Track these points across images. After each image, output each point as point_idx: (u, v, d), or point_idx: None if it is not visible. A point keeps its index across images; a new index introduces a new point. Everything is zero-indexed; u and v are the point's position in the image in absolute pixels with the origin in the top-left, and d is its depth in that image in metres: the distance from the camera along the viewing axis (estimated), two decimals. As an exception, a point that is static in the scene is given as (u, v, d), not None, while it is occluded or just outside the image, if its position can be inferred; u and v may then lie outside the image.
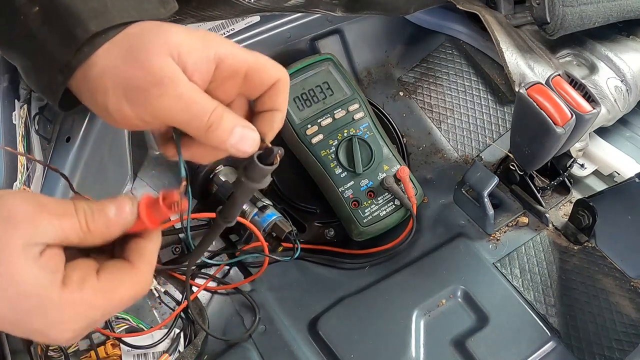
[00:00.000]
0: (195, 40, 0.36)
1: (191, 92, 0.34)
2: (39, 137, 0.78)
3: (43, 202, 0.32)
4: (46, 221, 0.32)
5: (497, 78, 0.83)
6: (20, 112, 0.79)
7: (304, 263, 0.72)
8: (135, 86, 0.34)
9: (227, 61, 0.37)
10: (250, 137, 0.36)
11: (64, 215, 0.33)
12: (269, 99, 0.39)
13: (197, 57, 0.35)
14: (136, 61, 0.34)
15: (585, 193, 0.72)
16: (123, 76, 0.34)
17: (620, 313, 0.62)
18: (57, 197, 0.72)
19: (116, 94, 0.34)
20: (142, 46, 0.34)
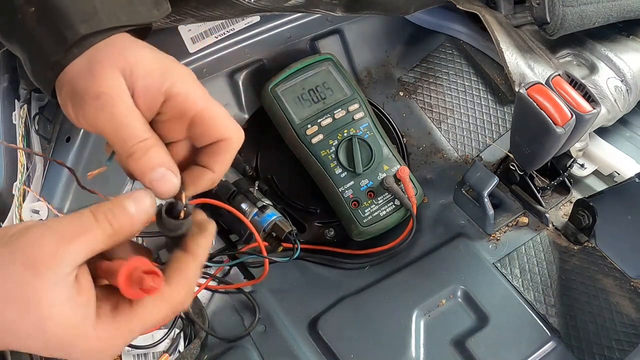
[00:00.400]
0: (156, 66, 0.36)
1: (126, 114, 0.35)
2: (39, 137, 0.78)
3: (61, 231, 0.32)
4: (69, 252, 0.31)
5: (497, 78, 0.83)
6: (20, 112, 0.79)
7: (304, 263, 0.72)
8: (79, 93, 0.35)
9: (177, 99, 0.36)
10: (170, 181, 0.36)
11: (86, 232, 0.32)
12: (207, 155, 0.38)
13: (149, 83, 0.36)
14: (89, 70, 0.35)
15: (585, 193, 0.72)
16: (76, 81, 0.35)
17: (620, 313, 0.62)
18: (58, 194, 0.72)
19: (67, 95, 0.36)
20: (101, 57, 0.36)
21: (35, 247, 0.31)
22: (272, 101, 0.75)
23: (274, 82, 0.75)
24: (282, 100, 0.75)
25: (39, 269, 0.30)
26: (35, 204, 0.71)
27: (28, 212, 0.71)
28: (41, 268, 0.30)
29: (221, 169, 0.38)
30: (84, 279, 0.32)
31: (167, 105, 0.36)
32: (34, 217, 0.71)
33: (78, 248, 0.32)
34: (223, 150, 0.37)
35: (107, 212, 0.33)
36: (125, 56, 0.35)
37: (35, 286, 0.30)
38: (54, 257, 0.31)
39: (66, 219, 0.32)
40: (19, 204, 0.71)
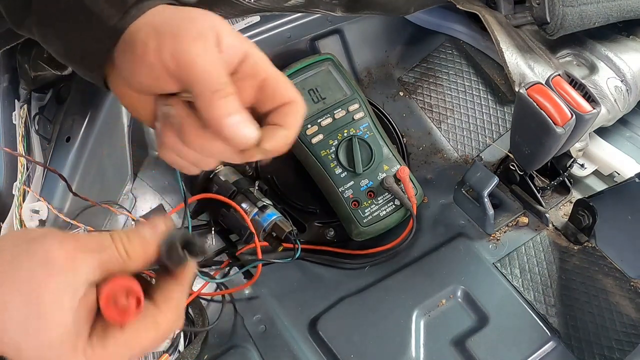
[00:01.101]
0: (233, 30, 0.37)
1: (217, 57, 0.35)
2: (39, 137, 0.78)
3: (81, 242, 0.32)
4: (85, 262, 0.32)
5: (497, 78, 0.83)
6: (20, 112, 0.79)
7: (304, 263, 0.72)
8: (174, 32, 0.35)
9: (252, 59, 0.38)
10: (248, 127, 0.36)
11: (102, 250, 0.33)
12: (278, 115, 0.38)
13: (232, 41, 0.37)
14: (183, 18, 0.36)
15: (585, 193, 0.72)
16: (167, 25, 0.35)
17: (620, 313, 0.62)
18: (58, 194, 0.72)
19: (154, 38, 0.35)
20: (191, 11, 0.36)
21: (54, 249, 0.31)
22: (272, 101, 0.75)
23: (274, 82, 0.75)
24: (282, 100, 0.75)
25: (54, 269, 0.31)
26: (35, 204, 0.71)
27: (28, 212, 0.71)
28: (56, 269, 0.31)
29: (294, 128, 0.38)
30: (91, 297, 0.33)
31: (243, 64, 0.37)
32: (33, 217, 0.71)
33: (92, 263, 0.32)
34: (293, 111, 0.38)
35: (123, 237, 0.34)
36: (210, 14, 0.36)
37: (45, 284, 0.30)
38: (70, 262, 0.31)
39: (86, 234, 0.34)
40: (19, 204, 0.71)
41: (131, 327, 0.33)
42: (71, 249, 0.32)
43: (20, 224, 0.70)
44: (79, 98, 0.76)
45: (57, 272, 0.31)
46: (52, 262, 0.31)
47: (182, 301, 0.36)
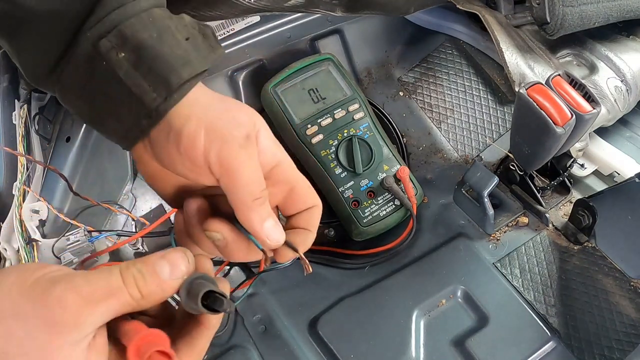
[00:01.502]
0: (268, 131, 0.38)
1: (259, 165, 0.36)
2: (39, 137, 0.78)
3: (88, 290, 0.30)
4: (92, 316, 0.30)
5: (497, 78, 0.83)
6: (20, 112, 0.79)
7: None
8: (223, 135, 0.35)
9: (283, 166, 0.39)
10: (280, 230, 0.38)
11: (113, 295, 0.31)
12: (303, 219, 0.42)
13: (268, 145, 0.38)
14: (228, 118, 0.36)
15: (585, 193, 0.72)
16: (215, 123, 0.35)
17: (620, 313, 0.62)
18: (58, 194, 0.72)
19: (202, 136, 0.35)
20: (231, 106, 0.37)
21: (59, 308, 0.29)
22: (272, 101, 0.75)
23: (274, 82, 0.75)
24: (282, 100, 0.75)
25: (61, 331, 0.29)
26: (35, 204, 0.71)
27: (28, 212, 0.71)
28: (63, 330, 0.29)
29: (315, 228, 0.42)
30: (101, 339, 0.32)
31: (275, 171, 0.39)
32: (33, 217, 0.71)
33: (102, 312, 0.31)
34: (316, 215, 0.42)
35: (137, 275, 0.32)
36: (251, 109, 0.38)
37: (54, 347, 0.29)
38: (77, 319, 0.30)
39: (94, 277, 0.31)
40: (18, 204, 0.71)
41: None
42: (77, 304, 0.30)
43: (20, 224, 0.70)
44: (79, 98, 0.76)
45: (64, 333, 0.29)
46: (58, 324, 0.29)
47: (205, 348, 0.35)
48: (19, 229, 0.70)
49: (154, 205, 0.77)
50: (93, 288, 0.30)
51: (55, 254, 0.68)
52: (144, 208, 0.78)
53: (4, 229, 0.71)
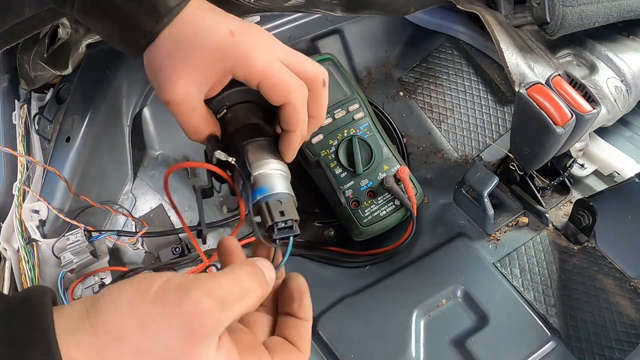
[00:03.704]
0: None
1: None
2: (39, 137, 0.78)
3: (222, 295, 0.31)
4: (230, 316, 0.31)
5: (497, 78, 0.83)
6: (20, 112, 0.79)
7: (304, 262, 0.72)
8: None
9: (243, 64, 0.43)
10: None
11: (246, 296, 0.33)
12: (281, 118, 0.45)
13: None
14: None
15: (585, 193, 0.72)
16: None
17: (620, 313, 0.62)
18: (58, 194, 0.72)
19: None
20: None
21: (197, 314, 0.29)
22: (272, 101, 0.75)
23: (274, 82, 0.75)
24: (282, 100, 0.75)
25: (200, 336, 0.29)
26: (35, 204, 0.71)
27: (28, 212, 0.71)
28: (203, 335, 0.29)
29: (297, 125, 0.45)
30: (225, 336, 0.32)
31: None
32: (34, 217, 0.71)
33: (237, 312, 0.32)
34: (290, 113, 0.45)
35: (261, 278, 0.35)
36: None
37: (192, 353, 0.29)
38: (216, 323, 0.30)
39: (225, 279, 0.32)
40: (19, 204, 0.71)
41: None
42: (214, 311, 0.30)
43: (20, 224, 0.70)
44: (79, 98, 0.76)
45: (201, 340, 0.29)
46: (196, 333, 0.29)
47: (310, 335, 0.39)
48: (19, 229, 0.70)
49: (154, 205, 0.77)
50: (228, 291, 0.31)
51: (55, 254, 0.68)
52: (144, 208, 0.78)
53: (4, 229, 0.71)
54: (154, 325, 0.29)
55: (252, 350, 0.34)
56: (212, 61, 0.42)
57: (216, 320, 0.30)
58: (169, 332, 0.29)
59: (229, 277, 0.32)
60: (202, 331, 0.29)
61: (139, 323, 0.29)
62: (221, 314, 0.30)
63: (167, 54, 0.42)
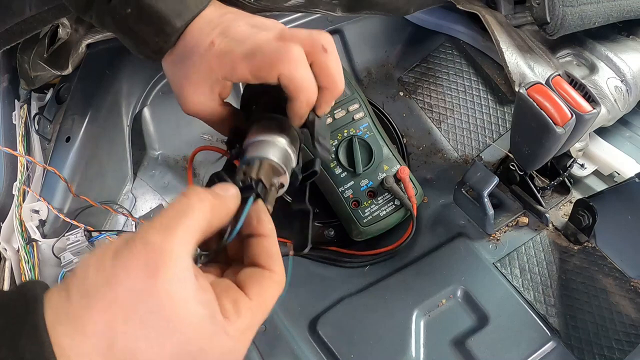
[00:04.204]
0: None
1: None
2: (39, 137, 0.78)
3: (161, 222, 0.31)
4: (175, 240, 0.31)
5: (497, 78, 0.83)
6: (20, 112, 0.79)
7: (304, 262, 0.72)
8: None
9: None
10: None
11: (184, 215, 0.32)
12: (284, 88, 0.45)
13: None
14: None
15: (585, 193, 0.72)
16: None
17: (620, 313, 0.62)
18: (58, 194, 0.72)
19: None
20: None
21: (146, 253, 0.30)
22: (272, 101, 0.75)
23: (274, 82, 0.75)
24: (282, 100, 0.75)
25: (153, 272, 0.29)
26: (35, 204, 0.71)
27: (28, 212, 0.71)
28: (155, 270, 0.29)
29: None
30: (201, 277, 0.32)
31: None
32: (34, 217, 0.71)
33: (182, 235, 0.31)
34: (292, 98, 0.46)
35: (200, 192, 0.34)
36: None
37: (154, 291, 0.29)
38: (163, 253, 0.30)
39: (163, 212, 0.32)
40: (19, 204, 0.71)
41: (255, 291, 0.34)
42: (158, 240, 0.30)
43: (20, 224, 0.70)
44: (79, 98, 0.76)
45: (158, 273, 0.29)
46: (148, 267, 0.29)
47: (279, 251, 0.38)
48: (19, 229, 0.70)
49: (154, 205, 0.77)
50: (165, 219, 0.32)
51: (55, 254, 0.68)
52: (144, 208, 0.78)
53: (4, 229, 0.71)
54: (118, 275, 0.29)
55: (225, 291, 0.33)
56: (206, 74, 0.45)
57: (164, 246, 0.30)
58: (130, 276, 0.29)
59: (164, 209, 0.33)
60: (155, 260, 0.29)
61: (105, 279, 0.29)
62: (165, 240, 0.30)
63: (173, 72, 0.47)
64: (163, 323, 0.29)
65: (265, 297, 0.35)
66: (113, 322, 0.29)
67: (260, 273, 0.36)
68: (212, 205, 0.34)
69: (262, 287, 0.35)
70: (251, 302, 0.34)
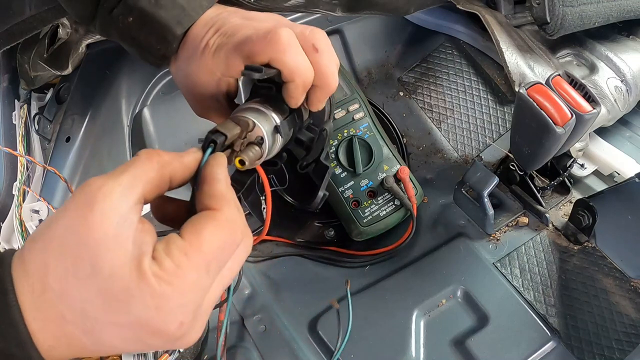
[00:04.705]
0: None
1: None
2: (39, 137, 0.78)
3: (109, 172, 0.30)
4: (117, 182, 0.29)
5: (497, 78, 0.83)
6: (20, 112, 0.79)
7: (304, 262, 0.72)
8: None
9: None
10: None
11: (132, 165, 0.31)
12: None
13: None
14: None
15: (585, 193, 0.72)
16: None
17: (620, 313, 0.62)
18: (58, 194, 0.72)
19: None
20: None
21: (80, 194, 0.29)
22: (272, 101, 0.75)
23: (274, 82, 0.75)
24: (282, 100, 0.75)
25: (87, 208, 0.28)
26: (35, 204, 0.71)
27: (28, 212, 0.71)
28: (89, 205, 0.28)
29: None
30: (146, 222, 0.31)
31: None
32: (34, 217, 0.71)
33: (126, 180, 0.30)
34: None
35: (150, 150, 0.33)
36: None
37: (85, 224, 0.28)
38: (100, 191, 0.28)
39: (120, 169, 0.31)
40: (19, 204, 0.71)
41: (189, 229, 0.31)
42: (99, 180, 0.29)
43: (20, 224, 0.70)
44: (79, 98, 0.76)
45: (91, 208, 0.28)
46: (85, 202, 0.28)
47: (226, 192, 0.33)
48: (19, 229, 0.70)
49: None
50: (114, 170, 0.30)
51: (55, 254, 0.68)
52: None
53: (4, 229, 0.71)
54: (56, 217, 0.29)
55: (166, 239, 0.31)
56: (207, 77, 0.45)
57: (102, 188, 0.29)
58: (67, 215, 0.29)
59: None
60: (91, 200, 0.28)
61: (47, 222, 0.30)
62: (105, 183, 0.29)
63: (180, 78, 0.48)
64: (90, 259, 0.28)
65: (202, 236, 0.30)
66: (47, 259, 0.29)
67: (199, 214, 0.32)
68: (163, 161, 0.32)
69: (196, 225, 0.31)
70: (183, 241, 0.30)
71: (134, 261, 0.28)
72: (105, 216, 0.28)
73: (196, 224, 0.31)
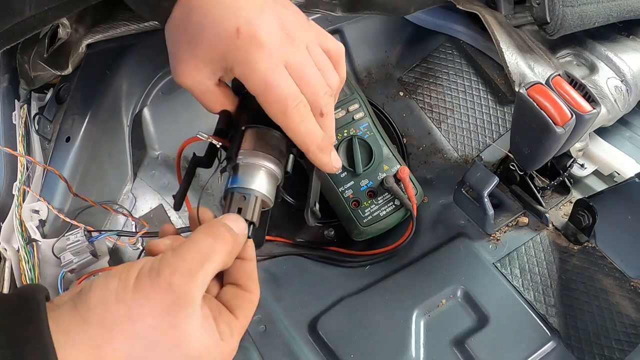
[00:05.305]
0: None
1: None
2: (39, 137, 0.78)
3: (185, 263, 0.35)
4: (197, 284, 0.34)
5: (497, 78, 0.83)
6: (20, 112, 0.79)
7: (304, 262, 0.72)
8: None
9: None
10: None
11: (208, 259, 0.36)
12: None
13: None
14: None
15: (585, 193, 0.72)
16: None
17: (620, 313, 0.62)
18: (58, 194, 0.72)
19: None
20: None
21: (169, 293, 0.33)
22: (272, 101, 0.75)
23: (274, 82, 0.75)
24: (282, 100, 0.75)
25: (177, 310, 0.33)
26: (35, 204, 0.71)
27: (28, 212, 0.71)
28: (178, 309, 0.33)
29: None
30: (204, 306, 0.36)
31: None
32: (34, 217, 0.71)
33: (204, 276, 0.35)
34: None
35: (224, 235, 0.38)
36: None
37: (174, 329, 0.33)
38: (186, 295, 0.33)
39: (187, 252, 0.35)
40: (19, 204, 0.71)
41: (241, 312, 0.39)
42: (182, 282, 0.34)
43: (20, 224, 0.70)
44: (79, 98, 0.76)
45: (180, 311, 0.33)
46: (171, 308, 0.33)
47: (257, 274, 0.42)
48: (19, 229, 0.70)
49: (154, 205, 0.77)
50: (190, 261, 0.35)
51: (55, 254, 0.68)
52: (144, 208, 0.78)
53: (4, 229, 0.71)
54: (140, 310, 0.32)
55: (219, 314, 0.38)
56: (215, 58, 0.43)
57: (187, 291, 0.33)
58: (153, 313, 0.32)
59: (189, 246, 0.36)
60: (178, 304, 0.33)
61: (126, 311, 0.32)
62: (189, 283, 0.34)
63: (177, 40, 0.44)
64: (181, 356, 0.33)
65: (248, 317, 0.40)
66: (133, 354, 0.32)
67: (242, 295, 0.40)
68: (231, 250, 0.38)
69: (246, 309, 0.40)
70: (239, 323, 0.39)
71: (212, 349, 0.36)
72: (188, 321, 0.34)
73: (245, 307, 0.40)
